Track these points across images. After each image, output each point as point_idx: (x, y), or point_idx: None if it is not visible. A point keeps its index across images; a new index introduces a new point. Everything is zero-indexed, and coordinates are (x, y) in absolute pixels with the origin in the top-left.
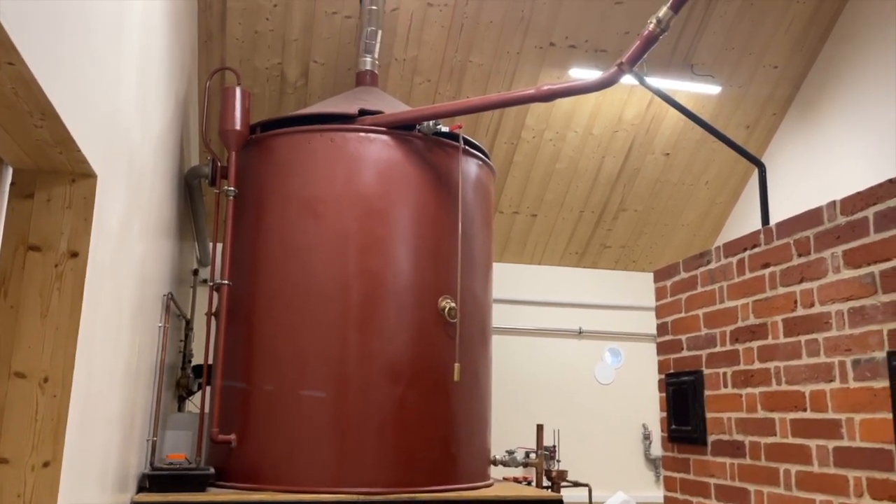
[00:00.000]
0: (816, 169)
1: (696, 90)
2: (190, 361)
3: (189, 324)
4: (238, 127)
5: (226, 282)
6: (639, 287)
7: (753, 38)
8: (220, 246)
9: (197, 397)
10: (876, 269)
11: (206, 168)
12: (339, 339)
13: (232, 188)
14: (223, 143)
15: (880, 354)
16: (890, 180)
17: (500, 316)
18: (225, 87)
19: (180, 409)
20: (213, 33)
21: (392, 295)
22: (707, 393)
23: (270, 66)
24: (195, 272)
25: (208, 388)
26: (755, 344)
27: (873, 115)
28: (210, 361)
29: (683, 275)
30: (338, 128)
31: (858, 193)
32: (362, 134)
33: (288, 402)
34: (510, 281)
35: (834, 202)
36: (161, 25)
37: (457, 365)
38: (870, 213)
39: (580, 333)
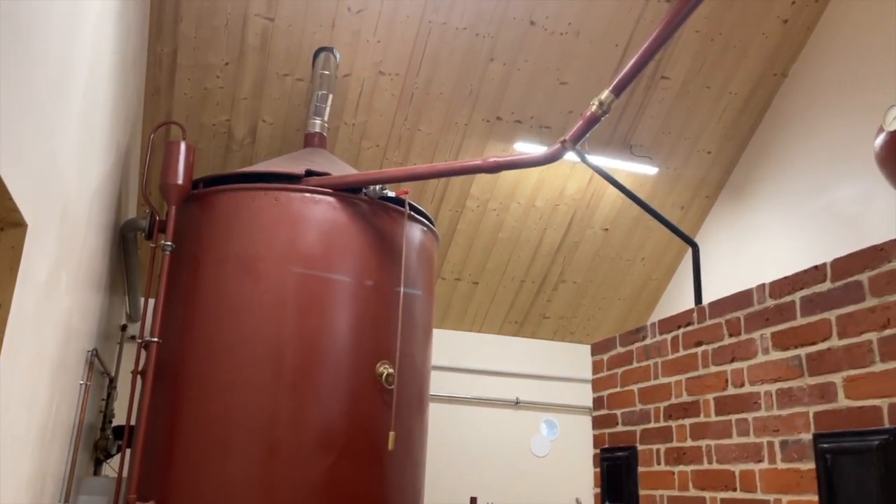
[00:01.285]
0: (746, 250)
1: (635, 170)
2: (111, 422)
3: (113, 382)
4: (180, 181)
5: (155, 339)
6: (576, 359)
7: (689, 125)
8: (152, 301)
9: (116, 460)
10: (802, 351)
11: (144, 221)
12: (270, 403)
13: (169, 243)
14: (164, 196)
15: (807, 436)
16: (815, 267)
17: (437, 383)
18: (169, 141)
19: (96, 472)
20: (161, 87)
21: (329, 359)
22: (640, 469)
23: (218, 122)
24: (123, 328)
25: (128, 451)
26: (688, 421)
27: (799, 202)
28: (132, 422)
29: (620, 349)
30: (283, 187)
31: (786, 278)
32: (307, 194)
33: (213, 468)
34: (449, 348)
35: (763, 285)
36: (108, 76)
37: (392, 433)
38: (797, 297)
39: (517, 404)
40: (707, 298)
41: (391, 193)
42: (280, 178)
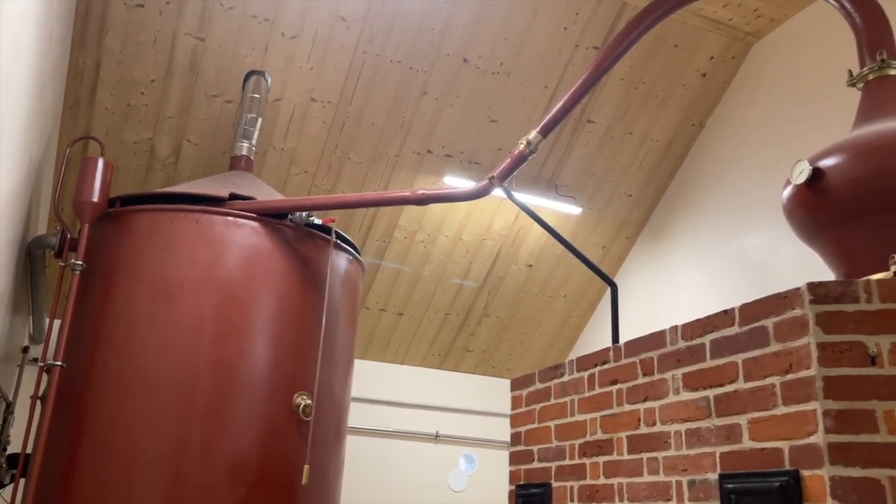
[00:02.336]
0: (663, 291)
1: (559, 209)
2: (5, 449)
3: (10, 407)
4: (95, 199)
5: (59, 363)
6: (496, 393)
7: (612, 168)
8: (57, 323)
9: (8, 490)
10: (711, 393)
11: (54, 238)
12: (180, 433)
13: (80, 262)
14: (77, 214)
15: (713, 476)
16: (724, 311)
17: (356, 415)
18: (86, 157)
19: None
20: (81, 100)
21: (244, 388)
22: None
23: (140, 140)
24: (25, 349)
25: (22, 481)
26: (601, 459)
27: (712, 247)
28: (29, 450)
29: (538, 385)
30: (205, 209)
31: (697, 321)
32: (230, 218)
33: (114, 500)
34: (371, 379)
35: (676, 327)
36: (24, 85)
37: (306, 467)
38: (706, 339)
39: (437, 437)
40: (625, 337)
41: (318, 221)
42: (202, 199)
